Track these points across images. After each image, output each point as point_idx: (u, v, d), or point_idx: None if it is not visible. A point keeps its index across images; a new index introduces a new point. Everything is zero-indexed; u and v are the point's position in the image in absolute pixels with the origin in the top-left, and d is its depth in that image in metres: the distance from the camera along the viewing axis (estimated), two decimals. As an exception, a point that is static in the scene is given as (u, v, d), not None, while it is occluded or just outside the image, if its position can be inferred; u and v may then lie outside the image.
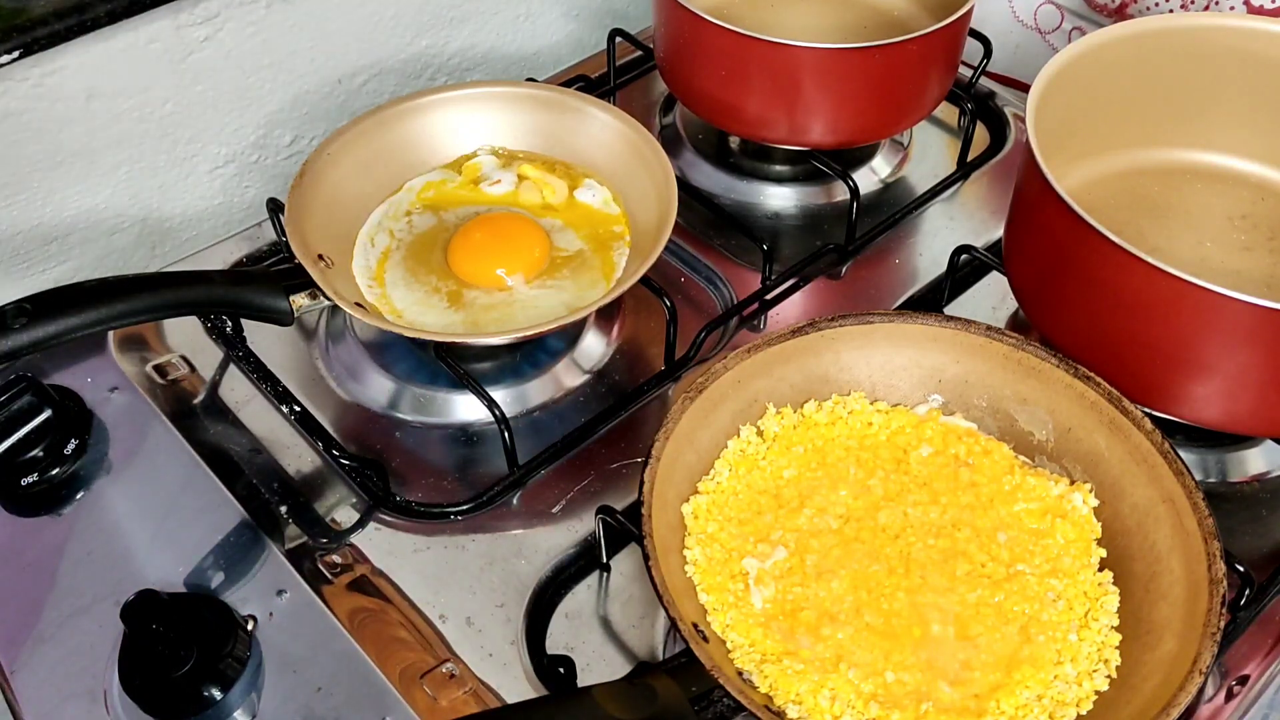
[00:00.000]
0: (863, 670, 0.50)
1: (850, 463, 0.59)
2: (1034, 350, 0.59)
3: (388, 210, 0.73)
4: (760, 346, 0.59)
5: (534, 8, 1.00)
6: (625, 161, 0.73)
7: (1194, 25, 0.70)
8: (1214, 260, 0.69)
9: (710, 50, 0.75)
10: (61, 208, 0.79)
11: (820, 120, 0.76)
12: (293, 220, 0.65)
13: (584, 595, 0.59)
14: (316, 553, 0.60)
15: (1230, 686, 0.56)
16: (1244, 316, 0.53)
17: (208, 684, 0.52)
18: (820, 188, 0.83)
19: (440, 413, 0.67)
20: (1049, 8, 0.98)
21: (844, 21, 0.88)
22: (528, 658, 0.56)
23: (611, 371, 0.70)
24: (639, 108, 0.90)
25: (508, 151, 0.77)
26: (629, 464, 0.65)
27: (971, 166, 0.85)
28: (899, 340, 0.62)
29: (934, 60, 0.76)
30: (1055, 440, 0.60)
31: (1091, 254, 0.57)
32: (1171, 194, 0.73)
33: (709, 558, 0.54)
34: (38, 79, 0.73)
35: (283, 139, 0.89)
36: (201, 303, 0.63)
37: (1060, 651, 0.52)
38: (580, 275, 0.69)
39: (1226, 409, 0.58)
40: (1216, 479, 0.65)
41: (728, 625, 0.52)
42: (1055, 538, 0.56)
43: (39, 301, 0.57)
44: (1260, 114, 0.72)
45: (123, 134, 0.79)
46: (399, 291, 0.68)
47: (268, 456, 0.65)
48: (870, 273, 0.78)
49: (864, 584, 0.54)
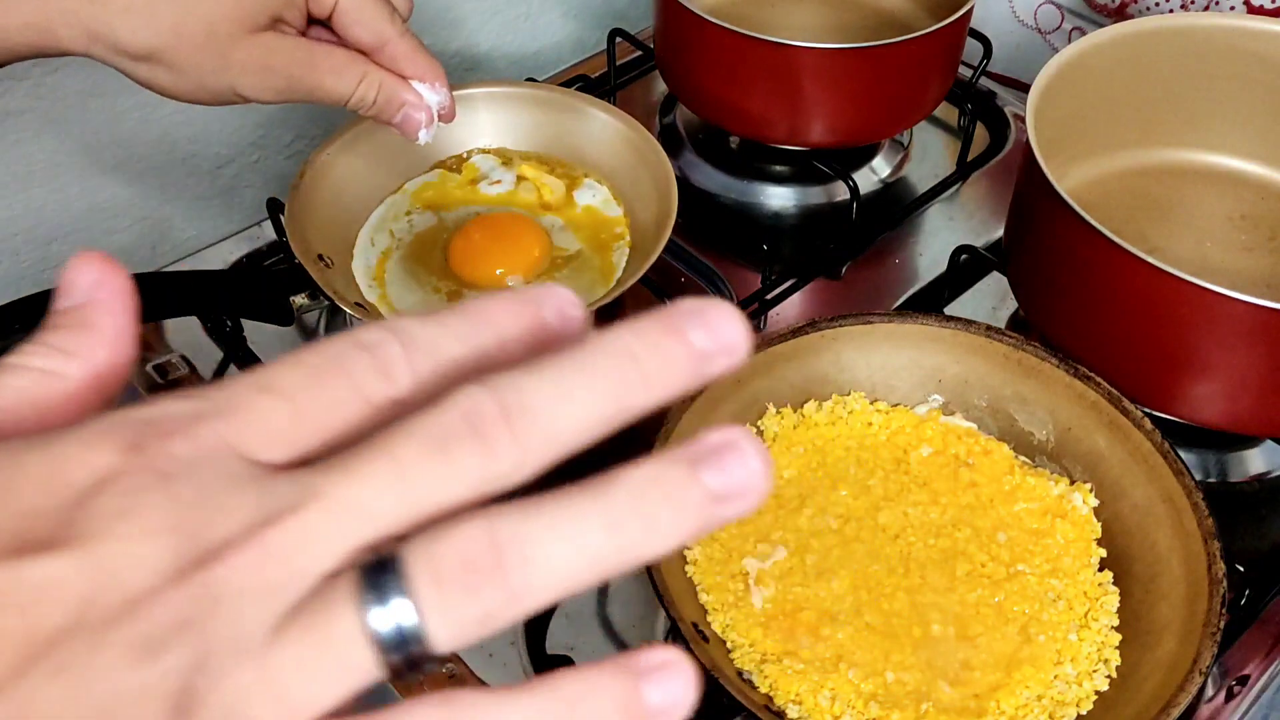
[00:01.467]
0: (863, 670, 0.50)
1: (850, 463, 0.59)
2: (1034, 350, 0.59)
3: (388, 210, 0.73)
4: (760, 346, 0.59)
5: (534, 8, 1.00)
6: (625, 161, 0.73)
7: (1194, 25, 0.70)
8: (1214, 260, 0.69)
9: (710, 50, 0.75)
10: (61, 208, 0.79)
11: (820, 120, 0.76)
12: (293, 220, 0.65)
13: (584, 595, 0.59)
14: (316, 553, 0.60)
15: (1230, 686, 0.55)
16: (1244, 316, 0.53)
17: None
18: (820, 188, 0.83)
19: (440, 413, 0.67)
20: (1049, 8, 0.98)
21: (844, 21, 0.88)
22: (528, 658, 0.56)
23: (611, 371, 0.70)
24: (639, 108, 0.90)
25: (507, 151, 0.77)
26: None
27: (971, 166, 0.85)
28: (899, 340, 0.62)
29: (934, 60, 0.76)
30: (1055, 440, 0.60)
31: (1091, 254, 0.57)
32: (1171, 194, 0.73)
33: (709, 558, 0.54)
34: (38, 79, 0.73)
35: (283, 139, 0.89)
36: (201, 303, 0.63)
37: (1060, 651, 0.52)
38: (580, 275, 0.69)
39: (1226, 409, 0.58)
40: (1216, 479, 0.65)
41: (728, 625, 0.52)
42: (1055, 538, 0.56)
43: (39, 301, 0.56)
44: (1260, 114, 0.72)
45: (123, 134, 0.79)
46: (399, 291, 0.68)
47: (268, 456, 0.65)
48: (870, 273, 0.78)
49: (864, 584, 0.54)
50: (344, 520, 0.21)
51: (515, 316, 0.24)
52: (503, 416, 0.22)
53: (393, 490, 0.21)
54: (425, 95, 0.61)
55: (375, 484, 0.21)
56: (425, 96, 0.61)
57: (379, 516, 0.21)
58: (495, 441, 0.21)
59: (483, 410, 0.22)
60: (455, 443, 0.21)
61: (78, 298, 0.25)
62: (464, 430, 0.21)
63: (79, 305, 0.25)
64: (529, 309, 0.24)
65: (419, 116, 0.61)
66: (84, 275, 0.25)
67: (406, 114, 0.61)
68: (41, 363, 0.24)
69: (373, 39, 0.59)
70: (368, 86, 0.58)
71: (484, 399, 0.22)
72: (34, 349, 0.25)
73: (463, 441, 0.21)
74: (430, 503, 0.21)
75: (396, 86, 0.60)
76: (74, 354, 0.25)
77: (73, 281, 0.25)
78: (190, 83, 0.54)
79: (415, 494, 0.21)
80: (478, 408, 0.22)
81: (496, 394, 0.22)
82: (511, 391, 0.22)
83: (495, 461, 0.22)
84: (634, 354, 0.23)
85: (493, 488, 0.22)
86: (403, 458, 0.21)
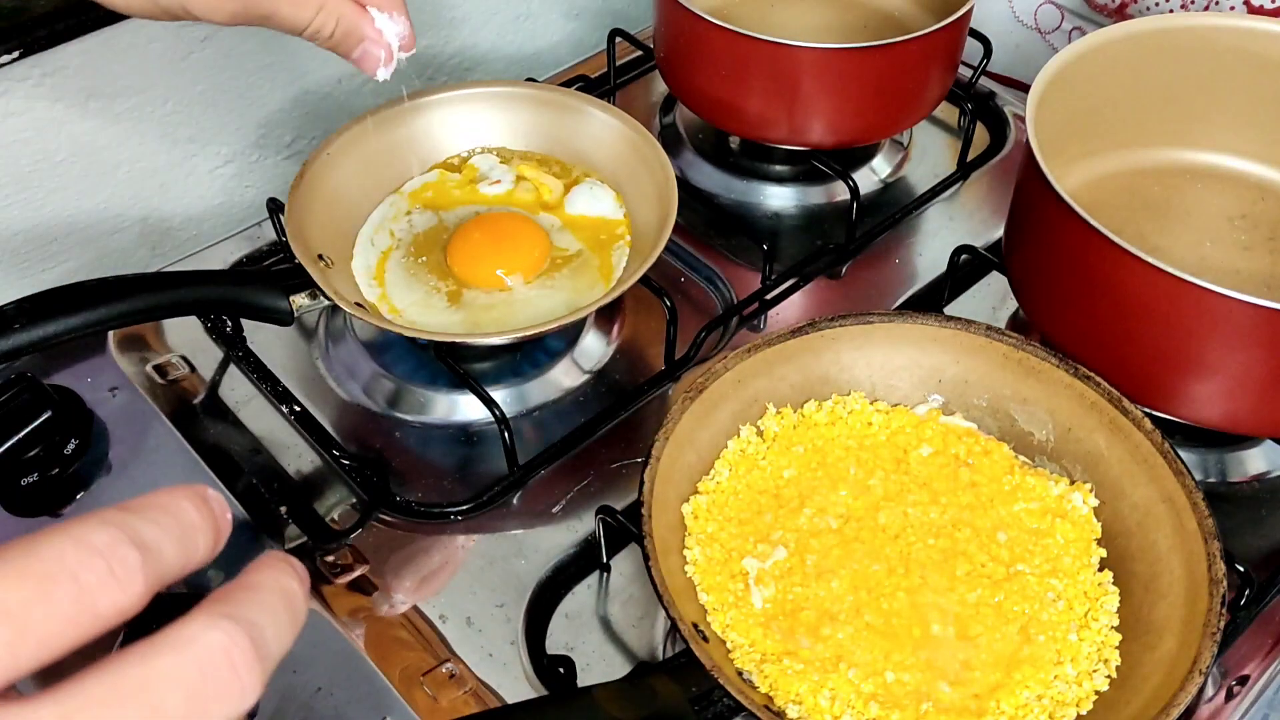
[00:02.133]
0: (863, 670, 0.50)
1: (850, 463, 0.59)
2: (1034, 350, 0.59)
3: (388, 210, 0.73)
4: (760, 346, 0.59)
5: (534, 8, 1.00)
6: (625, 161, 0.73)
7: (1194, 25, 0.70)
8: (1214, 260, 0.69)
9: (710, 50, 0.75)
10: (61, 208, 0.79)
11: (820, 120, 0.76)
12: (293, 220, 0.65)
13: (584, 595, 0.59)
14: (316, 553, 0.60)
15: (1230, 686, 0.55)
16: (1244, 316, 0.53)
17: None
18: (820, 188, 0.83)
19: (440, 413, 0.67)
20: (1049, 8, 0.98)
21: (844, 21, 0.88)
22: (528, 658, 0.56)
23: (611, 371, 0.70)
24: (639, 108, 0.90)
25: (507, 151, 0.77)
26: (629, 464, 0.65)
27: (971, 166, 0.85)
28: (899, 340, 0.62)
29: (934, 60, 0.76)
30: (1055, 440, 0.60)
31: (1091, 254, 0.57)
32: (1171, 194, 0.73)
33: (709, 558, 0.54)
34: (38, 79, 0.73)
35: (283, 139, 0.89)
36: (201, 303, 0.63)
37: (1060, 651, 0.52)
38: (580, 275, 0.69)
39: (1226, 409, 0.58)
40: (1216, 479, 0.65)
41: (728, 625, 0.52)
42: (1055, 538, 0.56)
43: (39, 301, 0.57)
44: (1260, 114, 0.72)
45: (123, 134, 0.79)
46: (399, 291, 0.68)
47: (267, 456, 0.65)
48: (870, 273, 0.78)
49: (864, 584, 0.54)
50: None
51: (199, 513, 0.24)
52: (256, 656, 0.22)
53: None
54: (384, 27, 0.59)
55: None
56: (384, 28, 0.59)
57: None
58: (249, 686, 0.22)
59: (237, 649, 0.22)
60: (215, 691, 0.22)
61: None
62: (227, 673, 0.22)
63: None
64: (206, 508, 0.25)
65: (378, 53, 0.59)
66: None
67: (365, 49, 0.58)
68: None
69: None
70: (325, 16, 0.55)
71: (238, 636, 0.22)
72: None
73: (226, 685, 0.22)
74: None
75: (356, 18, 0.57)
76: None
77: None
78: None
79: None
80: (230, 646, 0.22)
81: (247, 631, 0.23)
82: (255, 629, 0.23)
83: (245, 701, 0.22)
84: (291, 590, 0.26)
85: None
86: (162, 706, 0.21)
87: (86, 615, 0.21)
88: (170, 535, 0.23)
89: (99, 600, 0.21)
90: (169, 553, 0.23)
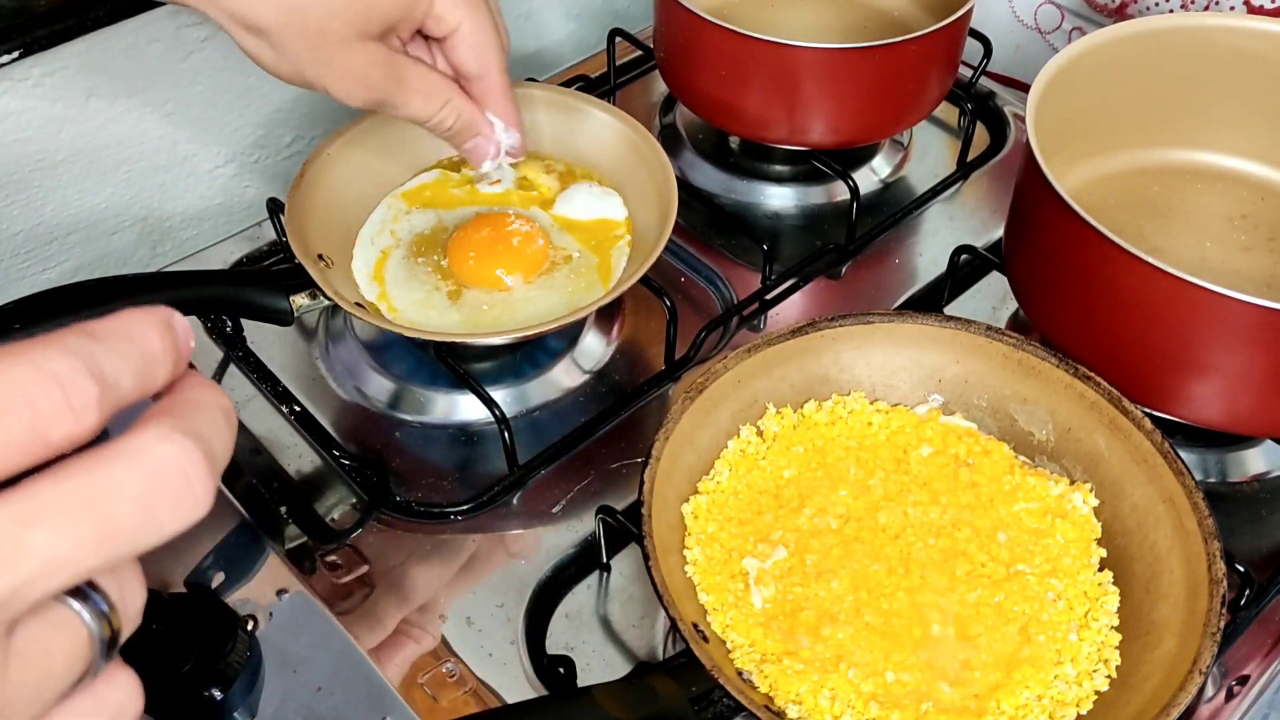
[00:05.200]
0: (863, 670, 0.50)
1: (850, 463, 0.59)
2: (1034, 350, 0.59)
3: (387, 210, 0.72)
4: (760, 346, 0.59)
5: (534, 8, 1.00)
6: (625, 161, 0.73)
7: (1194, 25, 0.70)
8: (1214, 260, 0.69)
9: (710, 50, 0.75)
10: (61, 208, 0.79)
11: (820, 120, 0.76)
12: (293, 220, 0.65)
13: (584, 595, 0.59)
14: (316, 553, 0.60)
15: (1230, 686, 0.56)
16: (1244, 316, 0.53)
17: (208, 684, 0.52)
18: (820, 188, 0.83)
19: (440, 413, 0.67)
20: (1049, 8, 0.98)
21: (844, 21, 0.88)
22: (528, 658, 0.56)
23: (611, 371, 0.70)
24: (639, 108, 0.90)
25: (507, 151, 0.77)
26: (629, 464, 0.65)
27: (971, 166, 0.85)
28: (899, 340, 0.62)
29: (934, 60, 0.76)
30: (1055, 440, 0.60)
31: (1091, 254, 0.57)
32: (1171, 194, 0.73)
33: (709, 558, 0.54)
34: (37, 79, 0.73)
35: (283, 139, 0.89)
36: (201, 302, 0.63)
37: (1060, 651, 0.52)
38: (580, 275, 0.69)
39: (1226, 409, 0.58)
40: (1216, 479, 0.65)
41: (728, 625, 0.52)
42: (1055, 538, 0.56)
43: (39, 301, 0.57)
44: (1260, 114, 0.72)
45: (123, 134, 0.79)
46: (399, 291, 0.68)
47: (267, 456, 0.65)
48: (870, 273, 0.78)
49: (864, 584, 0.54)
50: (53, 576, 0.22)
51: (162, 342, 0.25)
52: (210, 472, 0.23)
53: (100, 549, 0.22)
54: (499, 134, 0.63)
55: (84, 541, 0.22)
56: (499, 135, 0.63)
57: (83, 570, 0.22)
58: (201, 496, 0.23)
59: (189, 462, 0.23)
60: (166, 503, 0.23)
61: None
62: (180, 485, 0.23)
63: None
64: (170, 335, 0.25)
65: (488, 148, 0.63)
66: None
67: (478, 143, 0.62)
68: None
69: (477, 68, 0.60)
70: (449, 112, 0.59)
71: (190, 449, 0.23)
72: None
73: (179, 496, 0.23)
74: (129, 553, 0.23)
75: (475, 117, 0.61)
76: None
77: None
78: (288, 66, 0.55)
79: (119, 548, 0.22)
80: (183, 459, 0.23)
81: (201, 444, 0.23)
82: (205, 442, 0.23)
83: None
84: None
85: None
86: (116, 516, 0.22)
87: (38, 443, 0.22)
88: (131, 366, 0.23)
89: (52, 428, 0.22)
90: (126, 385, 0.23)
